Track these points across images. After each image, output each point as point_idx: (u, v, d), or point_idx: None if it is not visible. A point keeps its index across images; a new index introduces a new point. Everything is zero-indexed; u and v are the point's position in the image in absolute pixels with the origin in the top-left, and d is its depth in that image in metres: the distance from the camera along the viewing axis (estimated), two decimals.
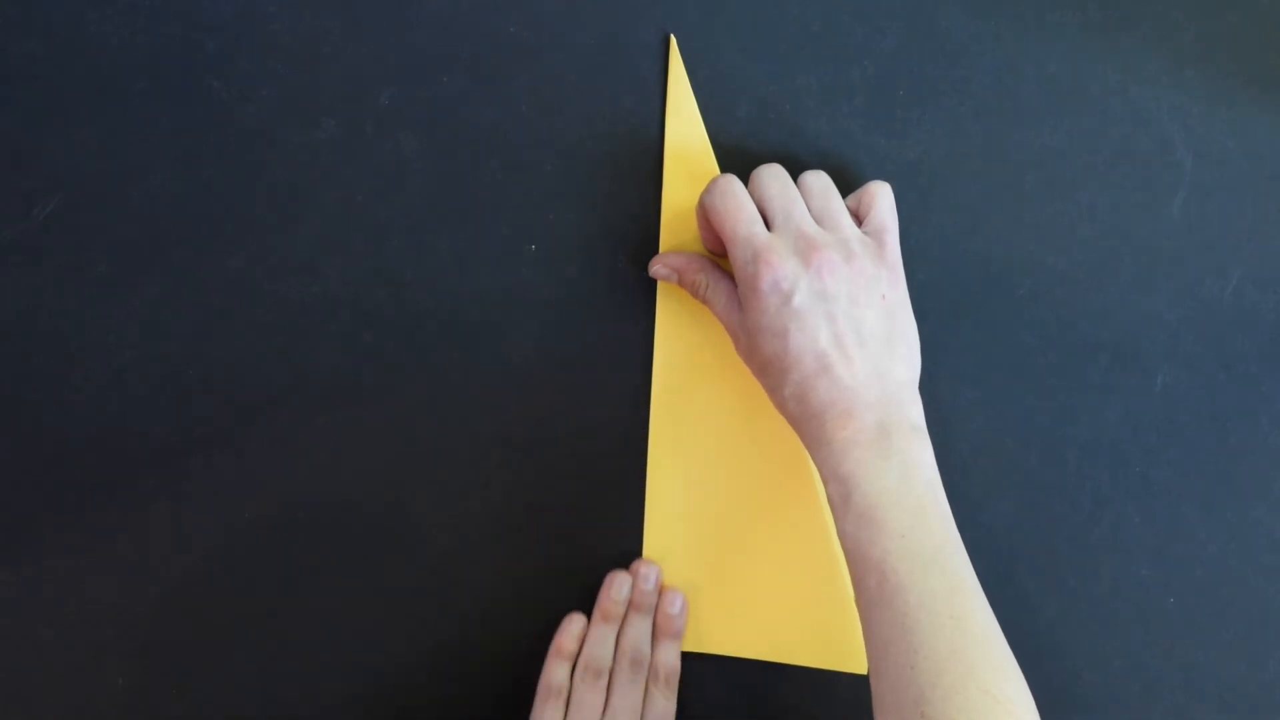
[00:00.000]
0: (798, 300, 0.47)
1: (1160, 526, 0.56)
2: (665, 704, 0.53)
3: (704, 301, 0.52)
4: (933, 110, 0.56)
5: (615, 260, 0.56)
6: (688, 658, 0.55)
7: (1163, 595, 0.56)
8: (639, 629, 0.54)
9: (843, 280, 0.48)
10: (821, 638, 0.54)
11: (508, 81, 0.56)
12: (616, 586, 0.54)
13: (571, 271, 0.56)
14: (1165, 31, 0.57)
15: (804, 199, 0.50)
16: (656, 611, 0.54)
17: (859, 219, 0.51)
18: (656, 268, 0.54)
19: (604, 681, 0.54)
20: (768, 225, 0.49)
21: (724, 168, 0.56)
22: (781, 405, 0.49)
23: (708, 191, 0.50)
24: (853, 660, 0.54)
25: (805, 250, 0.48)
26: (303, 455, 0.56)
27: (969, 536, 0.55)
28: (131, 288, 0.56)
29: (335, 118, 0.56)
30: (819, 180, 0.51)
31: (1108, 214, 0.56)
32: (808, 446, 0.49)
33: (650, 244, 0.56)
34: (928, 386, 0.56)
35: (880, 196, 0.51)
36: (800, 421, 0.48)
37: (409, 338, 0.56)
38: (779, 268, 0.48)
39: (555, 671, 0.54)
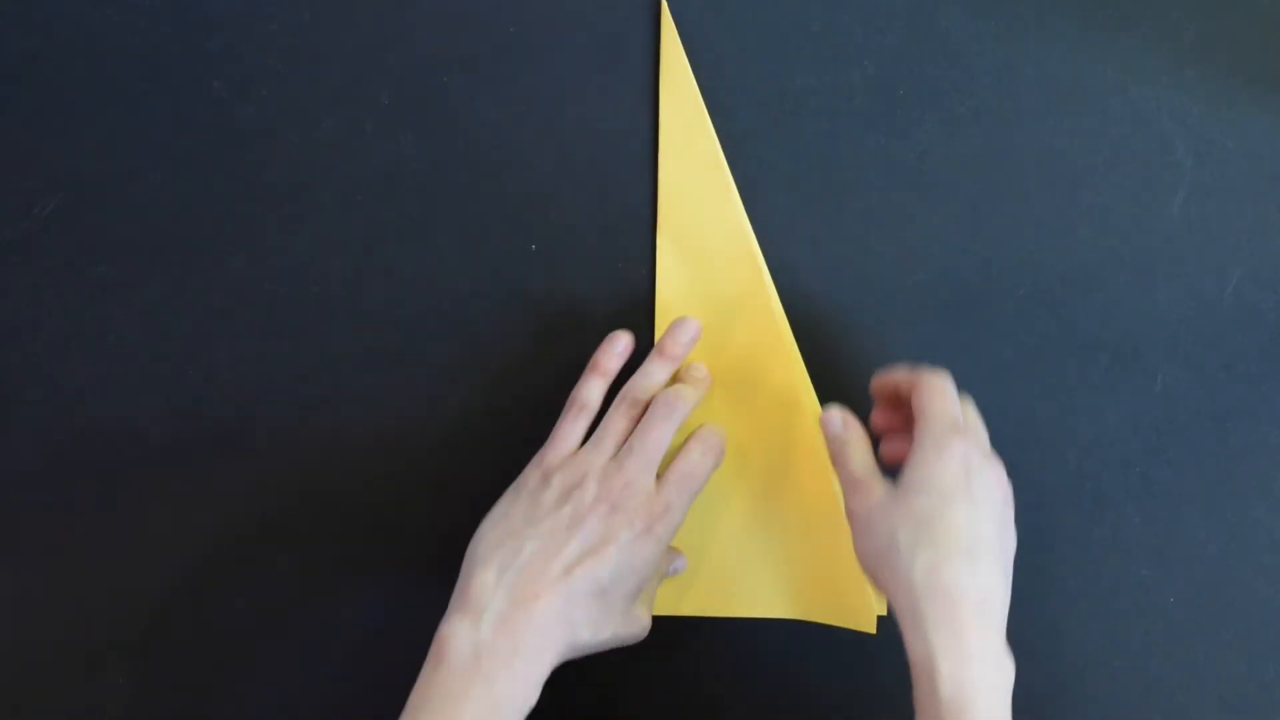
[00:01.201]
0: (978, 483, 0.47)
1: (1160, 526, 0.56)
2: (701, 461, 0.51)
3: (840, 452, 0.51)
4: (933, 110, 0.56)
5: (615, 260, 0.56)
6: (695, 623, 0.55)
7: (1163, 595, 0.56)
8: (698, 385, 0.53)
9: (1005, 504, 0.48)
10: (831, 595, 0.54)
11: (508, 81, 0.56)
12: (685, 330, 0.53)
13: (571, 271, 0.56)
14: (1165, 31, 0.57)
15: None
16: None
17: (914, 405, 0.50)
18: (834, 419, 0.52)
19: (638, 413, 0.51)
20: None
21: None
22: (903, 569, 0.46)
23: (927, 373, 0.50)
24: (858, 617, 0.54)
25: (994, 458, 0.49)
26: (303, 455, 0.56)
27: None
28: (131, 288, 0.56)
29: (335, 118, 0.56)
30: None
31: (1108, 214, 0.56)
32: (911, 621, 0.45)
33: (650, 243, 0.56)
34: None
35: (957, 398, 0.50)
36: (920, 594, 0.45)
37: (409, 338, 0.56)
38: (975, 447, 0.48)
39: (588, 387, 0.52)
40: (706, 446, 0.51)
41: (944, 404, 0.49)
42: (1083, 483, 0.56)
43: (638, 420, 0.51)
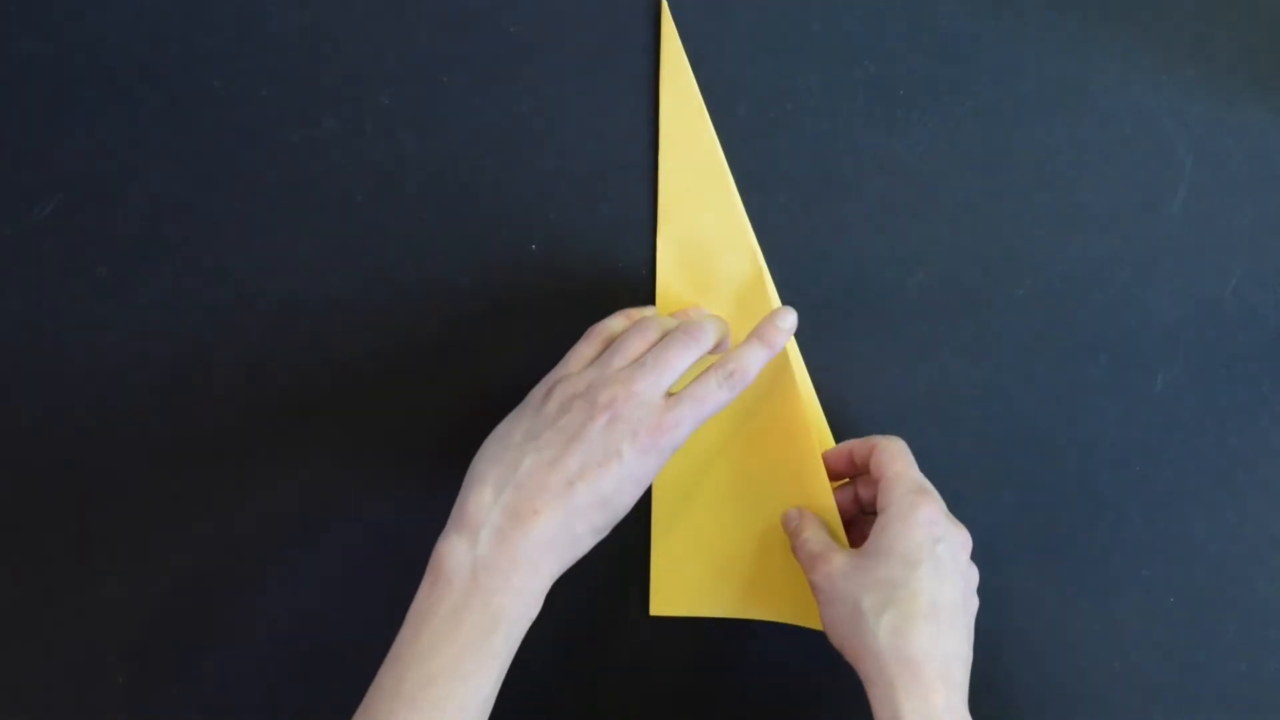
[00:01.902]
0: (943, 548, 0.47)
1: (1160, 526, 0.56)
2: (718, 391, 0.48)
3: (798, 537, 0.51)
4: (933, 110, 0.56)
5: (615, 260, 0.56)
6: (672, 622, 0.55)
7: (1163, 595, 0.56)
8: (725, 332, 0.51)
9: (971, 569, 0.49)
10: (793, 596, 0.54)
11: (508, 81, 0.56)
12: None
13: (571, 271, 0.56)
14: (1165, 31, 0.57)
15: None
16: (762, 323, 0.50)
17: (872, 471, 0.51)
18: (792, 515, 0.53)
19: (654, 337, 0.49)
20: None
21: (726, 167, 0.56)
22: (868, 634, 0.46)
23: (885, 441, 0.51)
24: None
25: (957, 522, 0.49)
26: (303, 455, 0.56)
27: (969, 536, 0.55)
28: (131, 288, 0.56)
29: (335, 118, 0.56)
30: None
31: (1108, 214, 0.56)
32: (878, 686, 0.45)
33: (650, 243, 0.56)
34: (929, 386, 0.56)
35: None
36: (886, 659, 0.45)
37: (409, 338, 0.56)
38: (940, 511, 0.48)
39: (610, 320, 0.51)
40: (728, 377, 0.48)
41: (905, 467, 0.50)
42: (1083, 483, 0.56)
43: (653, 344, 0.49)
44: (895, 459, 0.50)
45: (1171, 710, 0.55)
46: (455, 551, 0.44)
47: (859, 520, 0.54)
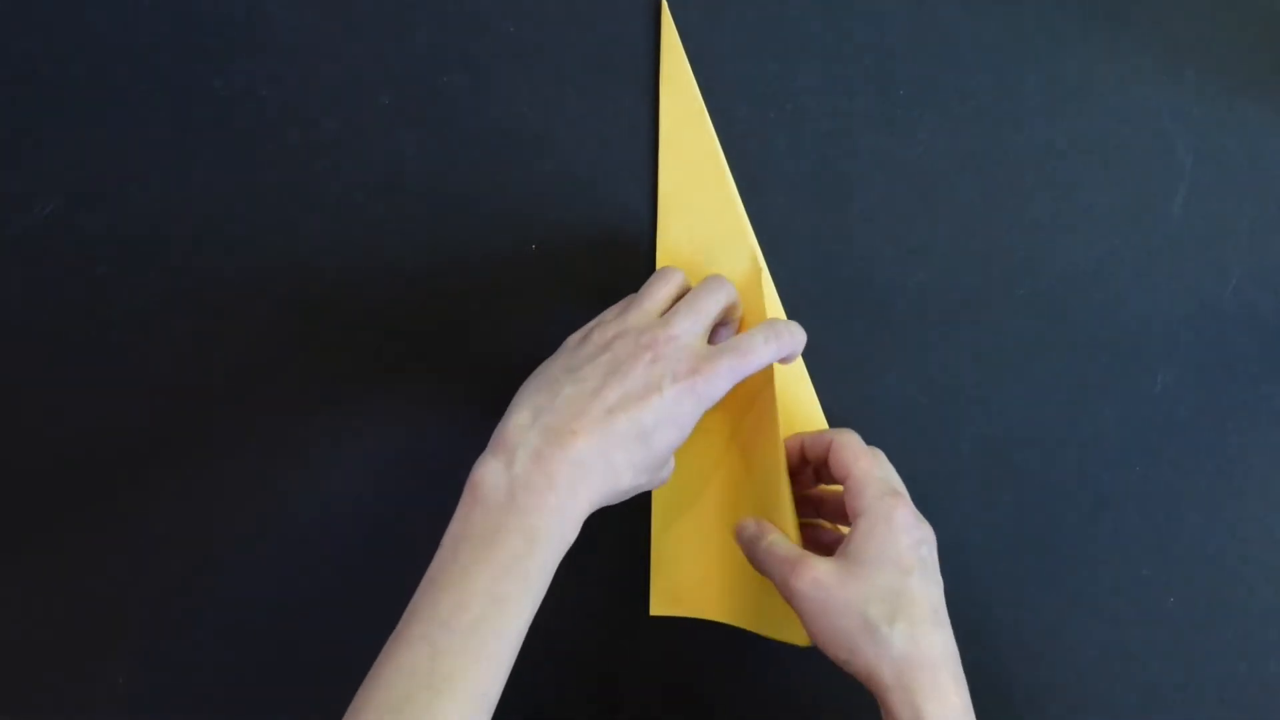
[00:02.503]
0: (925, 550, 0.48)
1: (1160, 526, 0.56)
2: (763, 347, 0.48)
3: (760, 550, 0.50)
4: (933, 110, 0.57)
5: (615, 260, 0.56)
6: (673, 622, 0.55)
7: (1163, 595, 0.56)
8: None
9: (937, 563, 0.49)
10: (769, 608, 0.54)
11: (508, 81, 0.57)
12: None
13: (571, 271, 0.56)
14: (1165, 31, 0.57)
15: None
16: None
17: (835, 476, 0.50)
18: (746, 523, 0.52)
19: (680, 280, 0.51)
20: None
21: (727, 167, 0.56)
22: (882, 644, 0.45)
23: (843, 438, 0.50)
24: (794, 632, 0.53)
25: (918, 513, 0.49)
26: (303, 455, 0.56)
27: (969, 536, 0.55)
28: (131, 288, 0.56)
29: (335, 118, 0.56)
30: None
31: (1108, 214, 0.56)
32: (898, 693, 0.45)
33: (650, 243, 0.56)
34: (929, 386, 0.56)
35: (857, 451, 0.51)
36: (903, 666, 0.45)
37: (409, 338, 0.56)
38: (912, 510, 0.48)
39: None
40: (775, 336, 0.48)
41: (870, 465, 0.49)
42: (1083, 483, 0.56)
43: (682, 295, 0.50)
44: (859, 457, 0.49)
45: (1171, 710, 0.55)
46: (491, 473, 0.44)
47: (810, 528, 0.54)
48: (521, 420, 0.45)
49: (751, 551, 0.50)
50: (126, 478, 0.56)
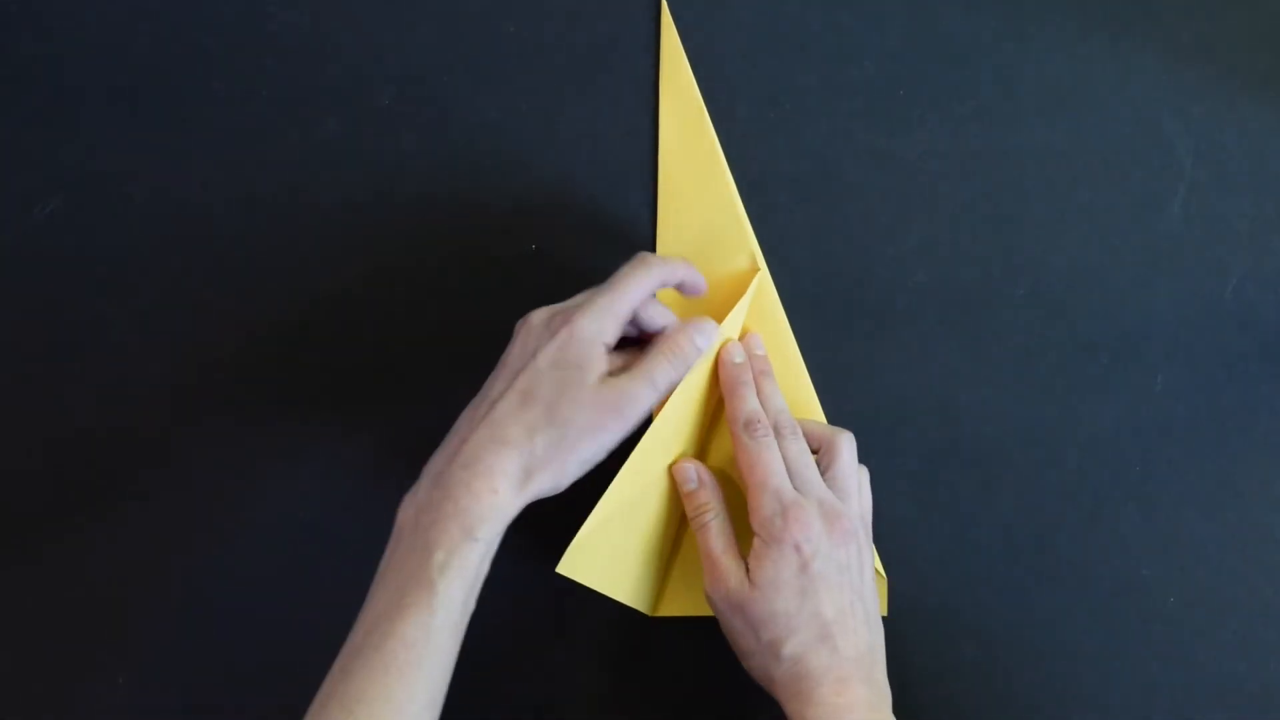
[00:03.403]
0: (818, 565, 0.48)
1: (1160, 526, 0.56)
2: (637, 270, 0.49)
3: (699, 526, 0.51)
4: (933, 110, 0.57)
5: (615, 260, 0.56)
6: (673, 622, 0.55)
7: (1163, 595, 0.56)
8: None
9: (855, 553, 0.49)
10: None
11: (508, 81, 0.57)
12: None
13: (571, 271, 0.56)
14: (1165, 31, 0.57)
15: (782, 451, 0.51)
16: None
17: (821, 467, 0.51)
18: (686, 468, 0.52)
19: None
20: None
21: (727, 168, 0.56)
22: (769, 663, 0.49)
23: (745, 439, 0.51)
24: None
25: (831, 517, 0.49)
26: (303, 455, 0.56)
27: (969, 536, 0.55)
28: (131, 288, 0.56)
29: (335, 118, 0.56)
30: (799, 442, 0.51)
31: (1108, 214, 0.56)
32: (787, 698, 0.48)
33: (650, 242, 0.56)
34: (929, 386, 0.56)
35: (844, 449, 0.52)
36: (790, 679, 0.48)
37: (409, 338, 0.56)
38: (808, 527, 0.48)
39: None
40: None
41: (764, 475, 0.49)
42: (1083, 483, 0.56)
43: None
44: (753, 468, 0.50)
45: (1171, 710, 0.55)
46: (403, 508, 0.47)
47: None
48: (432, 459, 0.48)
49: (691, 516, 0.52)
50: (126, 478, 0.56)
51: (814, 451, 0.52)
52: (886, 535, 0.55)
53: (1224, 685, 0.55)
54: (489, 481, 0.45)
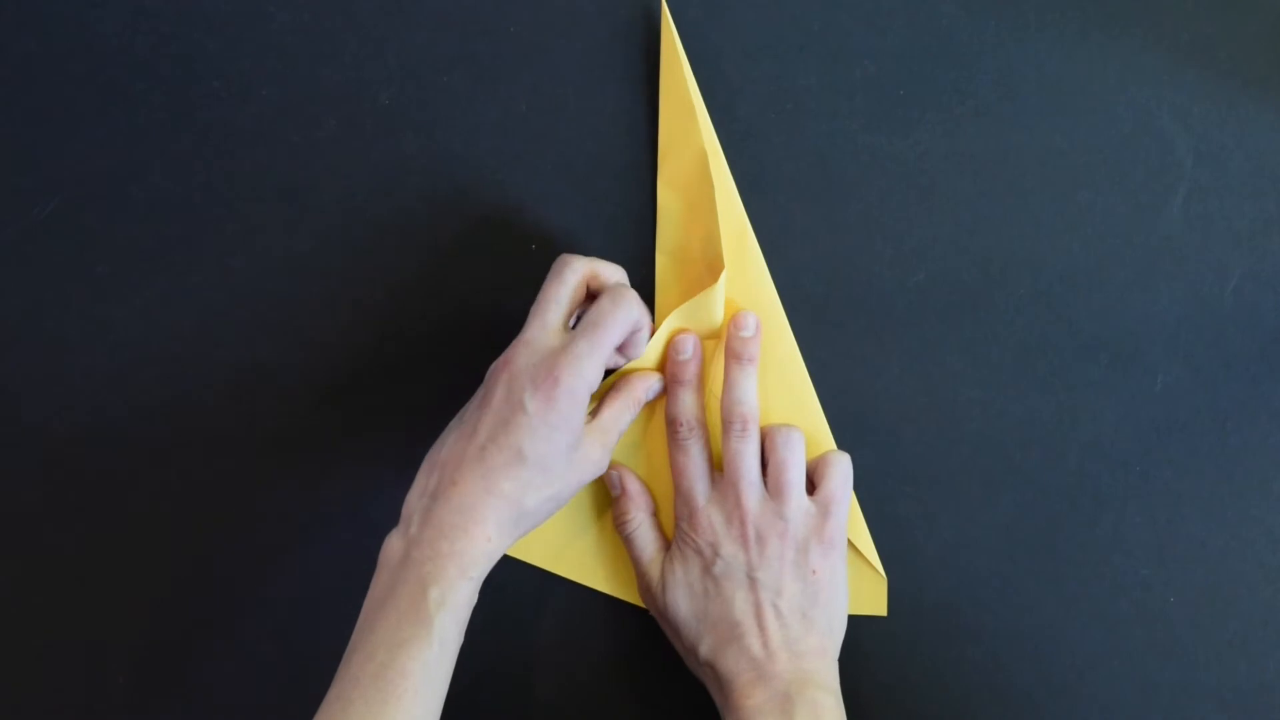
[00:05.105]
0: (719, 568, 0.50)
1: (1160, 526, 0.56)
2: (613, 310, 0.49)
3: (621, 536, 0.54)
4: (933, 110, 0.57)
5: (615, 260, 0.56)
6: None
7: (1163, 595, 0.56)
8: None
9: (770, 555, 0.50)
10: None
11: (508, 81, 0.57)
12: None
13: None
14: (1165, 31, 0.57)
15: (769, 453, 0.52)
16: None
17: (813, 484, 0.52)
18: (611, 474, 0.54)
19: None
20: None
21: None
22: (696, 666, 0.51)
23: (669, 440, 0.53)
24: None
25: (738, 521, 0.50)
26: (303, 454, 0.56)
27: (969, 536, 0.56)
28: (131, 288, 0.56)
29: (335, 118, 0.56)
30: (788, 443, 0.52)
31: (1108, 214, 0.56)
32: (719, 706, 0.50)
33: (649, 243, 0.56)
34: (929, 386, 0.56)
35: (835, 467, 0.52)
36: (712, 683, 0.50)
37: (409, 338, 0.56)
38: (706, 532, 0.50)
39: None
40: (619, 297, 0.49)
41: (680, 480, 0.52)
42: (1083, 483, 0.56)
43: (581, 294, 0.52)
44: (673, 471, 0.53)
45: (1171, 710, 0.55)
46: (391, 543, 0.48)
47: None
48: (416, 489, 0.49)
49: (615, 512, 0.54)
50: (126, 478, 0.56)
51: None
52: (886, 535, 0.55)
53: (1224, 685, 0.55)
54: (484, 529, 0.46)
